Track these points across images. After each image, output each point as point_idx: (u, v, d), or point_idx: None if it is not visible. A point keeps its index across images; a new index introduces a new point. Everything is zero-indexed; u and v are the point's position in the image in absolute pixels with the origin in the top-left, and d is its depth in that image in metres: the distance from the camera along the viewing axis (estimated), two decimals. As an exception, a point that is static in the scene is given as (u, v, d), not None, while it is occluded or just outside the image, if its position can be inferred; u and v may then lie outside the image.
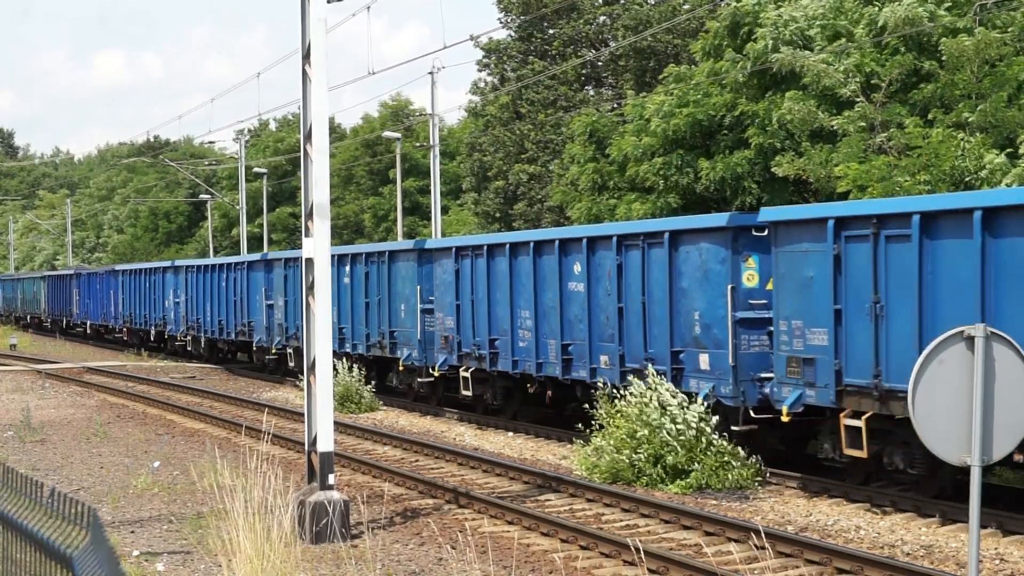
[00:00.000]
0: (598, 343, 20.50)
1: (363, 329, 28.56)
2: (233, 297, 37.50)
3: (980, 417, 8.08)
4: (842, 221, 15.50)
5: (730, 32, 26.81)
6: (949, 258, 14.15)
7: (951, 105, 21.70)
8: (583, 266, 20.67)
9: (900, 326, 14.72)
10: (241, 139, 66.17)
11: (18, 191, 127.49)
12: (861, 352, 15.26)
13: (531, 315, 22.17)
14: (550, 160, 41.78)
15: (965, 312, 13.45)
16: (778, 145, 24.40)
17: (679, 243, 18.64)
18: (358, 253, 29.03)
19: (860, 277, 15.26)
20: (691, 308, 18.30)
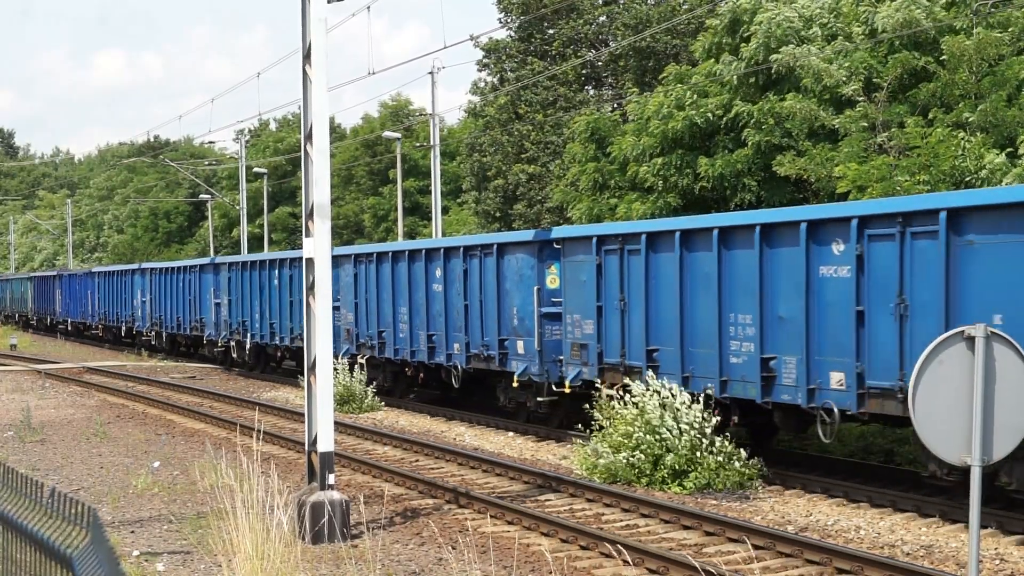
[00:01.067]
0: (452, 333, 25.04)
1: (287, 322, 33.68)
2: (188, 296, 41.69)
3: (980, 417, 8.09)
4: (602, 239, 20.12)
5: (729, 31, 26.82)
6: (665, 266, 18.68)
7: (951, 105, 21.70)
8: (442, 271, 25.16)
9: (637, 319, 19.27)
10: (241, 139, 66.22)
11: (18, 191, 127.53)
12: (614, 339, 19.91)
13: (407, 311, 26.67)
14: (550, 160, 41.78)
15: (673, 307, 18.43)
16: (775, 143, 24.40)
17: (504, 253, 23.14)
18: (280, 259, 34.63)
19: (613, 281, 19.89)
20: (512, 305, 22.85)
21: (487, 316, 23.58)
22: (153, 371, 40.31)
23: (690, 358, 18.11)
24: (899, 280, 14.64)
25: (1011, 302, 13.28)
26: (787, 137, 24.23)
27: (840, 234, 15.47)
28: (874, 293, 14.99)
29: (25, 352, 51.17)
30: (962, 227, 14.03)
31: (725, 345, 17.31)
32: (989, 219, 13.77)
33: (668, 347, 18.51)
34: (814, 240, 15.83)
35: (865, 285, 15.11)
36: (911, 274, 14.55)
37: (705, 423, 17.04)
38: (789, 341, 16.22)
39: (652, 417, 17.07)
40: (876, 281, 14.98)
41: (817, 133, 23.65)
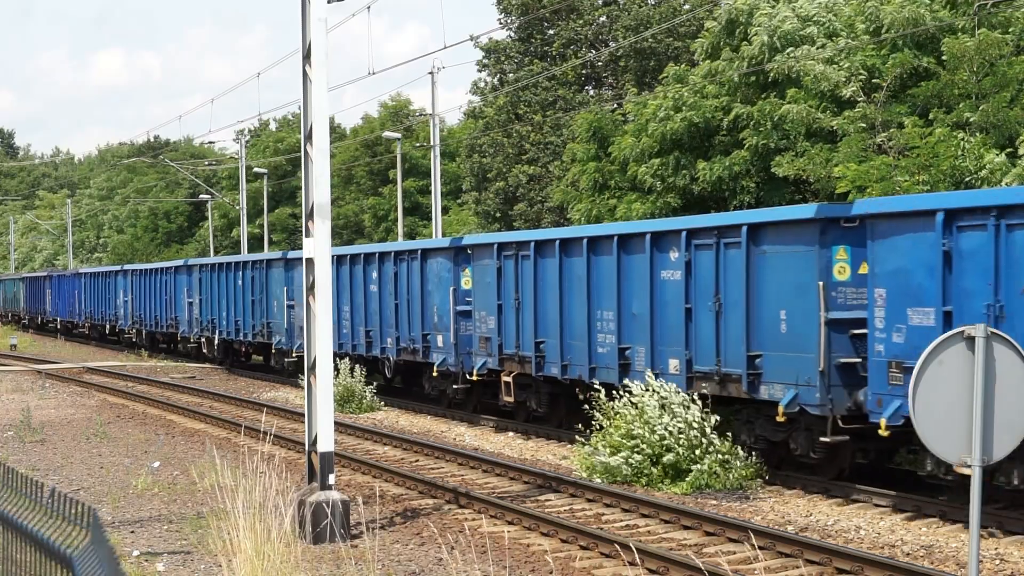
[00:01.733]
0: (386, 329, 28.07)
1: (250, 320, 37.11)
2: (164, 296, 44.75)
3: (980, 417, 8.09)
4: (502, 245, 23.25)
5: (727, 32, 26.81)
6: (549, 270, 21.71)
7: (951, 105, 21.69)
8: (377, 274, 28.33)
9: (528, 315, 22.35)
10: (241, 139, 66.21)
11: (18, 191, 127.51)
12: (511, 333, 22.97)
13: (349, 310, 29.73)
14: (549, 161, 41.76)
15: (555, 305, 21.59)
16: (772, 145, 24.40)
17: (427, 258, 26.35)
18: (243, 262, 37.82)
19: (510, 283, 22.96)
20: (433, 304, 25.99)
21: (413, 314, 26.95)
22: (153, 371, 40.32)
23: (568, 349, 21.29)
24: (715, 282, 17.74)
25: (791, 300, 16.40)
26: (785, 139, 24.23)
27: (675, 244, 18.52)
28: (699, 293, 18.16)
29: (25, 352, 51.17)
30: (759, 239, 17.00)
31: (593, 337, 20.57)
32: (776, 233, 16.79)
33: (552, 339, 21.70)
34: (657, 249, 18.98)
35: (692, 287, 18.28)
36: (724, 277, 17.61)
37: (704, 423, 17.04)
38: (640, 334, 19.44)
39: (651, 416, 17.07)
40: (700, 283, 18.13)
41: (816, 134, 23.65)
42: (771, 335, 16.81)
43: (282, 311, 33.95)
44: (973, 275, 13.90)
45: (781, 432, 17.04)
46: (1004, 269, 13.55)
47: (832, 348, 15.86)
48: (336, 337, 29.24)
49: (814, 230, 16.13)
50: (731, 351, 17.46)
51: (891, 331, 14.91)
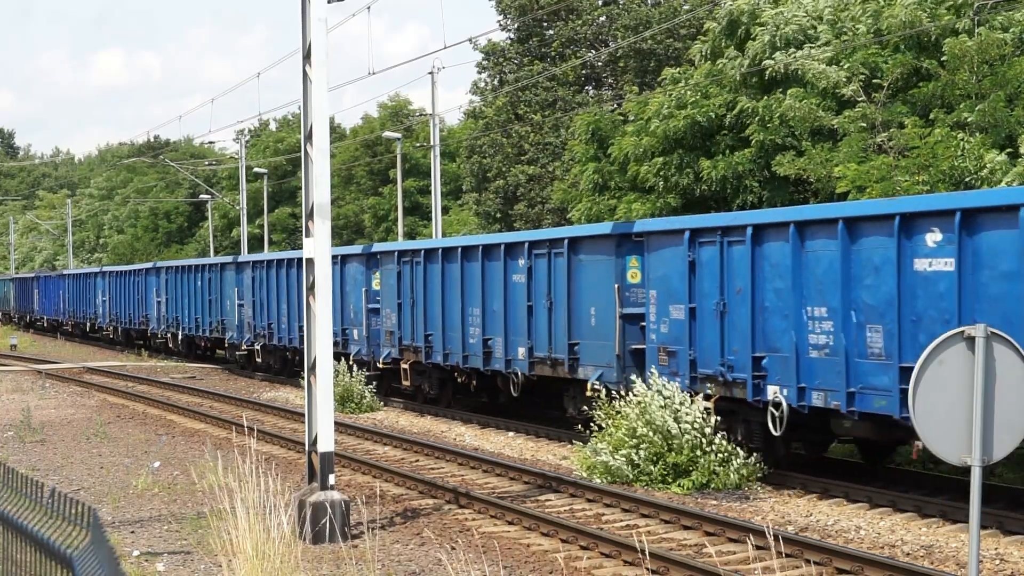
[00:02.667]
0: None
1: (207, 317, 40.99)
2: (137, 296, 48.66)
3: (980, 417, 8.08)
4: (402, 252, 27.37)
5: (727, 34, 26.79)
6: (433, 273, 25.86)
7: (952, 105, 21.69)
8: (376, 277, 30.11)
9: (419, 312, 26.39)
10: (241, 139, 66.18)
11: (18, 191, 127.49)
12: (407, 327, 26.90)
13: (286, 308, 33.91)
14: (549, 162, 41.75)
15: (438, 303, 25.69)
16: (779, 142, 24.39)
17: (345, 263, 30.20)
18: (204, 264, 41.83)
19: (407, 284, 26.95)
20: (350, 303, 29.91)
21: (334, 311, 28.65)
22: (153, 371, 40.32)
23: (448, 340, 25.34)
24: (548, 284, 21.86)
25: (598, 299, 20.50)
26: (791, 136, 24.22)
27: (522, 253, 22.65)
28: (537, 293, 22.24)
29: (25, 352, 51.18)
30: (577, 250, 21.25)
31: (466, 331, 24.55)
32: (588, 245, 21.03)
33: (437, 332, 25.63)
34: (509, 257, 23.20)
35: (533, 288, 22.39)
36: (554, 280, 21.71)
37: (705, 423, 17.05)
38: (498, 327, 23.47)
39: (655, 416, 17.08)
40: (537, 285, 22.24)
41: (817, 133, 23.64)
42: (586, 327, 20.90)
43: (234, 309, 38.10)
44: (708, 279, 17.92)
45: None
46: (726, 275, 17.58)
47: (626, 337, 19.89)
48: (276, 332, 34.69)
49: (612, 243, 20.20)
50: (558, 340, 21.65)
51: (660, 323, 18.90)
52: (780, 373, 16.55)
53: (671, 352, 18.58)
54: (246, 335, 36.58)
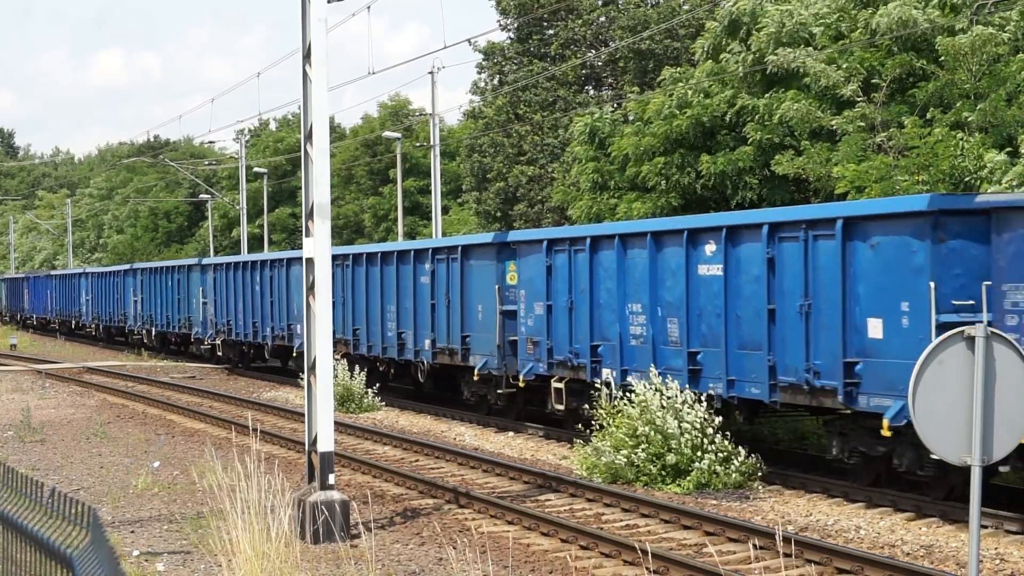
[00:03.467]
0: (266, 320, 35.54)
1: (177, 315, 44.48)
2: (116, 295, 52.05)
3: (980, 417, 8.08)
4: (335, 256, 27.94)
5: (729, 32, 26.79)
6: (360, 275, 29.57)
7: (950, 104, 21.68)
8: (260, 277, 35.68)
9: (349, 309, 29.89)
10: (241, 139, 66.17)
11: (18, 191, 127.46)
12: (338, 322, 29.34)
13: (242, 307, 37.21)
14: (549, 162, 41.74)
15: (364, 302, 29.41)
16: (777, 141, 24.38)
17: (290, 265, 33.34)
18: (173, 266, 45.56)
19: (337, 284, 28.41)
20: (293, 302, 32.83)
21: (285, 309, 34.59)
22: (153, 371, 40.33)
23: (371, 334, 28.83)
24: (446, 284, 25.44)
25: (484, 297, 24.11)
26: (790, 136, 24.22)
27: (427, 259, 26.20)
28: (438, 292, 25.77)
29: (25, 352, 51.18)
30: (468, 256, 24.92)
31: (385, 326, 28.18)
32: (476, 252, 24.73)
33: (363, 327, 29.33)
34: (418, 261, 26.85)
35: (435, 288, 25.88)
36: (451, 281, 25.28)
37: (706, 423, 17.05)
38: (409, 322, 26.96)
39: (656, 416, 17.08)
40: (439, 286, 25.76)
41: (818, 133, 23.64)
42: (475, 322, 24.57)
43: (199, 307, 41.40)
44: (560, 281, 21.45)
45: (481, 388, 24.73)
46: (573, 278, 21.11)
47: (504, 330, 23.37)
48: (234, 328, 37.75)
49: (493, 251, 23.96)
50: (454, 333, 25.18)
51: (528, 318, 22.50)
52: (610, 358, 20.12)
53: (535, 342, 22.17)
54: (208, 331, 40.17)
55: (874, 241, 15.30)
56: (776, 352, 16.66)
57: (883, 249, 15.14)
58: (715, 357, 17.83)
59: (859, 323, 15.43)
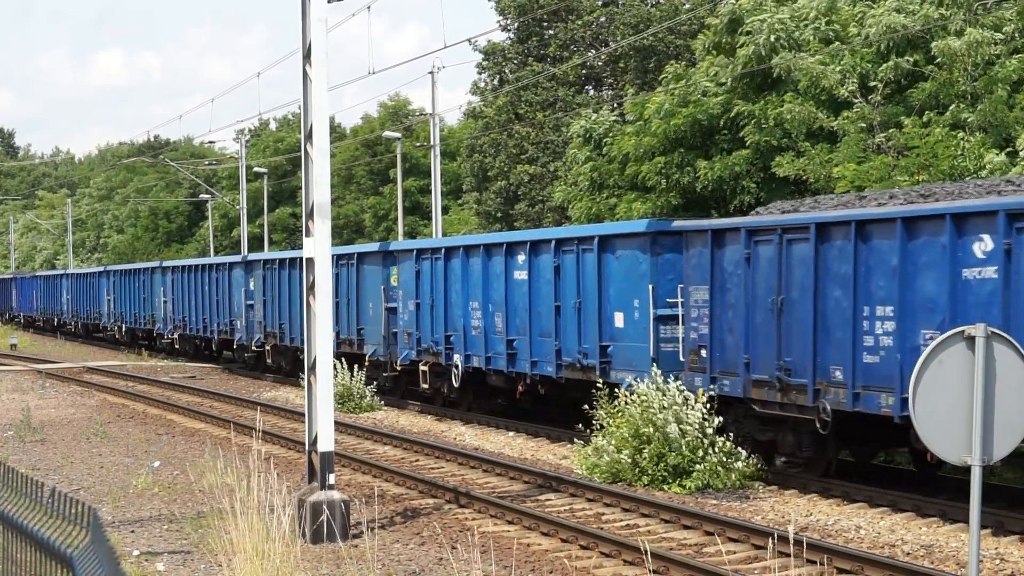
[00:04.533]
0: (212, 316, 40.23)
1: (144, 312, 49.24)
2: (91, 294, 56.49)
3: (980, 417, 8.08)
4: (268, 261, 35.75)
5: (729, 30, 26.78)
6: (293, 278, 33.12)
7: (946, 105, 21.67)
8: (208, 279, 39.72)
9: (273, 307, 34.67)
10: (241, 139, 66.15)
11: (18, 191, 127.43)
12: (271, 318, 35.34)
13: (197, 306, 41.83)
14: (550, 161, 41.73)
15: (286, 298, 33.94)
16: (775, 144, 24.38)
17: (232, 269, 38.26)
18: (143, 268, 50.50)
19: (272, 285, 35.22)
20: (232, 300, 37.85)
21: (224, 306, 39.60)
22: (153, 371, 40.33)
23: (292, 329, 33.27)
24: (347, 285, 30.00)
25: (374, 297, 28.77)
26: (786, 138, 24.21)
27: (333, 264, 27.77)
28: (340, 292, 29.67)
29: (25, 352, 51.18)
30: (362, 261, 29.65)
31: (295, 321, 32.14)
32: (368, 258, 29.61)
33: (285, 322, 33.70)
34: (363, 264, 30.26)
35: (338, 288, 29.42)
36: (348, 284, 30.10)
37: (707, 423, 17.05)
38: (351, 320, 29.98)
39: (657, 417, 17.08)
40: (341, 286, 29.80)
41: (816, 134, 23.63)
42: (367, 317, 29.18)
43: (160, 305, 45.76)
44: (425, 283, 26.23)
45: (372, 372, 28.54)
46: (434, 280, 25.79)
47: (389, 324, 28.02)
48: (201, 325, 41.05)
49: (380, 257, 28.74)
50: (351, 327, 29.85)
51: (404, 313, 27.24)
52: (458, 345, 24.80)
53: (409, 333, 26.78)
54: (167, 326, 42.15)
55: (619, 254, 20.04)
56: (560, 339, 21.49)
57: (623, 260, 19.93)
58: (524, 343, 22.63)
59: (610, 316, 20.14)
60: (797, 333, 16.06)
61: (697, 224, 18.54)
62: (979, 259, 13.64)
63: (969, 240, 13.76)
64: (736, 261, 17.07)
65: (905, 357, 14.14)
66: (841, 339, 15.30)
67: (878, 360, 14.78)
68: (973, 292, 13.63)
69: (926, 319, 14.19)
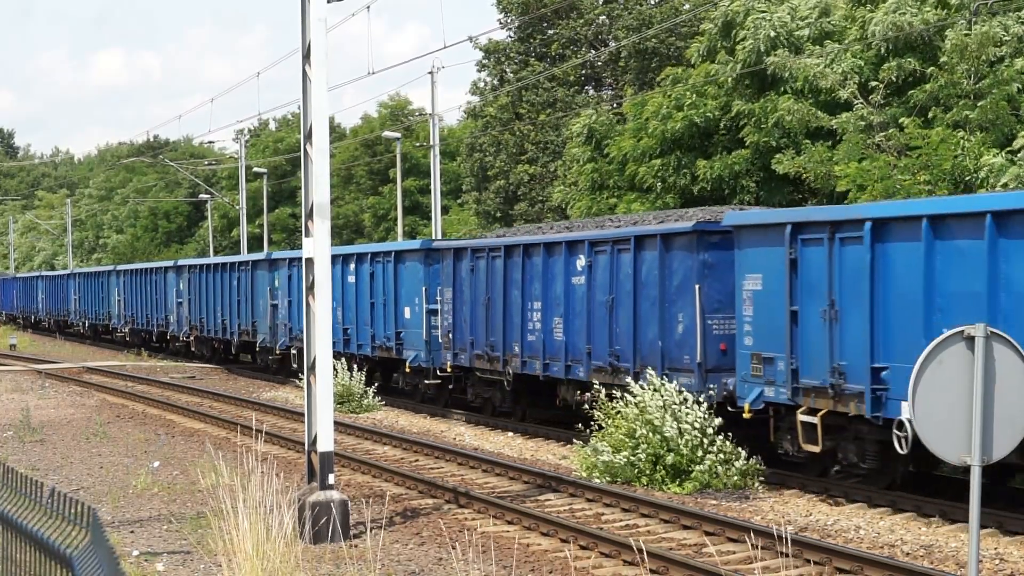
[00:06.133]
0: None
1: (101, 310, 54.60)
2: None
3: (980, 417, 8.08)
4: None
5: (723, 34, 26.78)
6: (261, 279, 36.74)
7: (948, 106, 21.67)
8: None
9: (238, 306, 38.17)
10: (241, 139, 66.12)
11: (18, 191, 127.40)
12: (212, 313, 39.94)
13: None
14: (550, 161, 41.73)
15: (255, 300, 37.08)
16: (774, 143, 24.39)
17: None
18: (109, 271, 55.72)
19: (225, 286, 39.11)
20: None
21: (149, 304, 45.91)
22: (153, 371, 40.32)
23: (244, 321, 36.77)
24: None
25: (295, 295, 31.69)
26: (785, 138, 24.22)
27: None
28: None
29: (24, 352, 51.17)
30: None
31: (276, 318, 34.75)
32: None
33: (262, 321, 35.52)
34: (259, 269, 35.59)
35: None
36: (288, 287, 33.37)
37: (706, 423, 17.05)
38: (388, 322, 29.00)
39: (654, 417, 17.08)
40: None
41: (815, 134, 23.64)
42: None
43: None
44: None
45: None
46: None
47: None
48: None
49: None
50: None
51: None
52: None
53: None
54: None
55: (407, 264, 27.06)
56: (375, 326, 28.39)
57: (409, 269, 26.79)
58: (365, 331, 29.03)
59: (400, 310, 27.27)
60: (495, 322, 23.57)
61: (446, 244, 26.86)
62: (579, 270, 21.10)
63: (575, 258, 21.30)
64: (466, 270, 24.56)
65: (547, 336, 22.11)
66: (518, 324, 22.85)
67: (535, 339, 22.49)
68: (576, 291, 21.38)
69: (556, 310, 21.82)
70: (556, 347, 21.82)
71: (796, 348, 16.13)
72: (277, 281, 34.73)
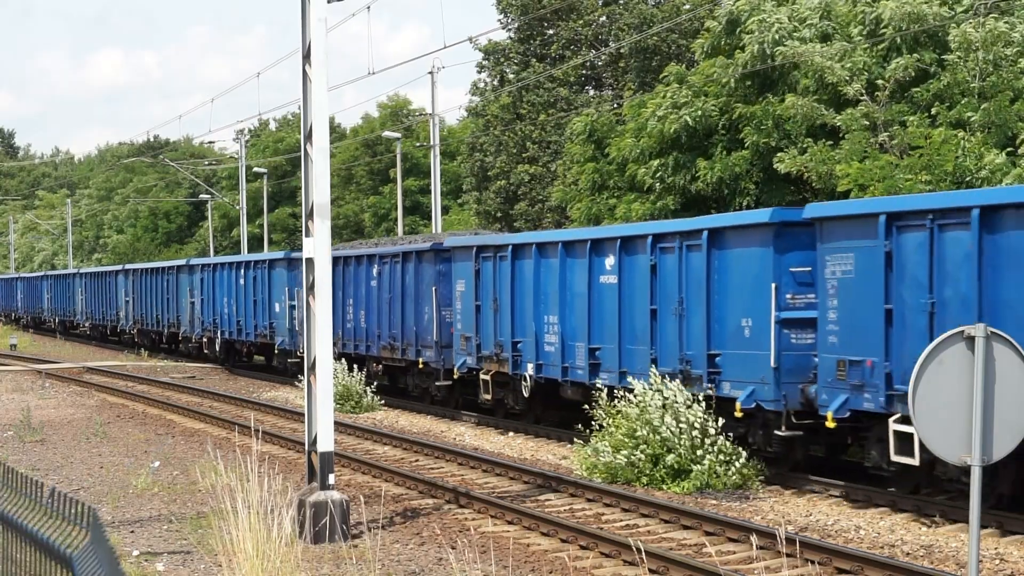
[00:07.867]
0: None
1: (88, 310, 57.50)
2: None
3: (980, 417, 8.08)
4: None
5: (727, 32, 26.75)
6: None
7: (953, 104, 21.65)
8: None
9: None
10: (241, 139, 66.15)
11: (18, 191, 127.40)
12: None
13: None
14: (551, 161, 41.72)
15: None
16: (773, 144, 24.36)
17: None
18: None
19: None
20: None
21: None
22: (153, 371, 40.32)
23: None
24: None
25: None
26: (786, 139, 24.18)
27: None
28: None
29: (25, 352, 51.17)
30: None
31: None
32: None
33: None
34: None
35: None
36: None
37: (706, 423, 17.05)
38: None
39: (653, 417, 17.08)
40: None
41: (817, 133, 23.60)
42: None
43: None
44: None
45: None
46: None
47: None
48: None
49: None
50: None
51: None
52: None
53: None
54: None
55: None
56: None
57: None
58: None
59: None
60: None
61: None
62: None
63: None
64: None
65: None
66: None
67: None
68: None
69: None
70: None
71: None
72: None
